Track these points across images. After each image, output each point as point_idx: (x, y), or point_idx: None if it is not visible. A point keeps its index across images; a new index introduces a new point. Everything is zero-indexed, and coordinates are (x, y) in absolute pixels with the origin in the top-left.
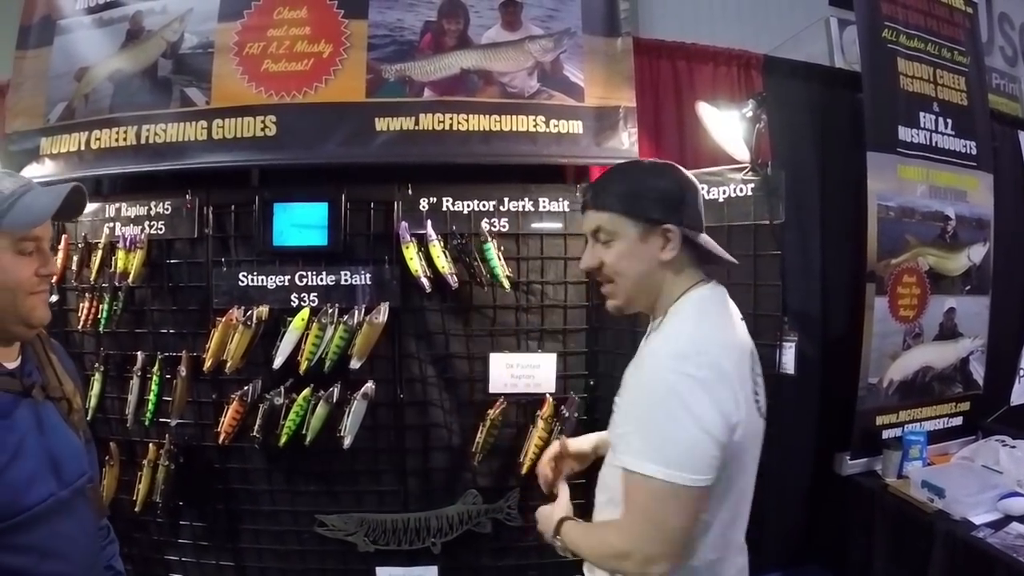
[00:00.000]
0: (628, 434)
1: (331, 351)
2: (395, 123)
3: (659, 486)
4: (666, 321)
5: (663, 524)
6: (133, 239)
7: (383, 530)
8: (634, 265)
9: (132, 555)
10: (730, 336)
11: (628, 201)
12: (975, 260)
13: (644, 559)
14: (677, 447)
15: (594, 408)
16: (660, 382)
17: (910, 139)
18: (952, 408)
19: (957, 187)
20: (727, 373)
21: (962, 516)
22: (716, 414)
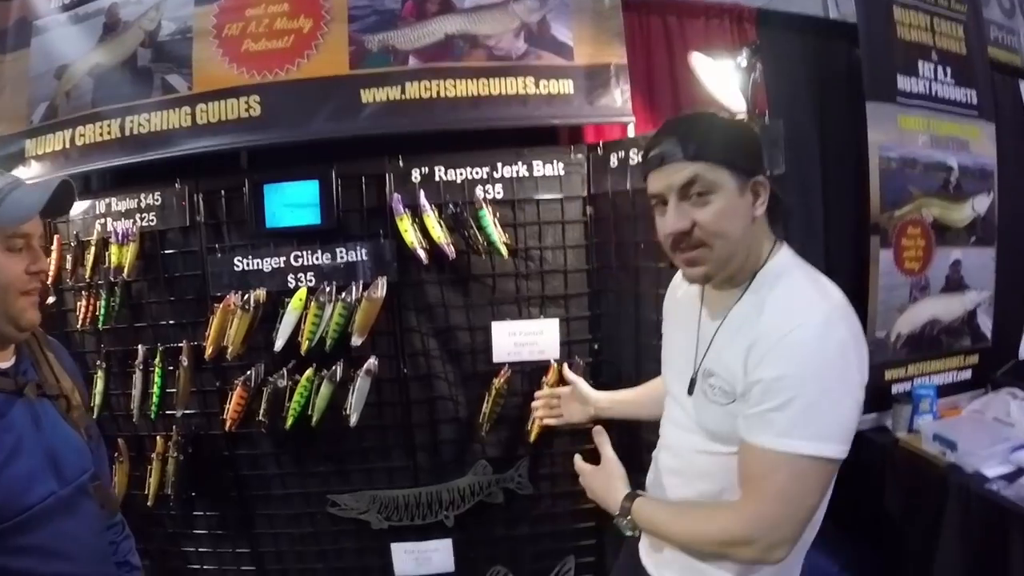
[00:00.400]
0: (769, 412)
1: (331, 329)
2: (381, 94)
3: (805, 464)
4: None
5: (800, 505)
6: (125, 233)
7: (395, 506)
8: (735, 224)
9: (149, 550)
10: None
11: (726, 149)
12: (979, 211)
13: (768, 545)
14: (827, 418)
15: (599, 372)
16: (809, 354)
17: (909, 88)
18: (961, 362)
19: (959, 136)
20: (860, 333)
21: (975, 469)
22: (862, 378)
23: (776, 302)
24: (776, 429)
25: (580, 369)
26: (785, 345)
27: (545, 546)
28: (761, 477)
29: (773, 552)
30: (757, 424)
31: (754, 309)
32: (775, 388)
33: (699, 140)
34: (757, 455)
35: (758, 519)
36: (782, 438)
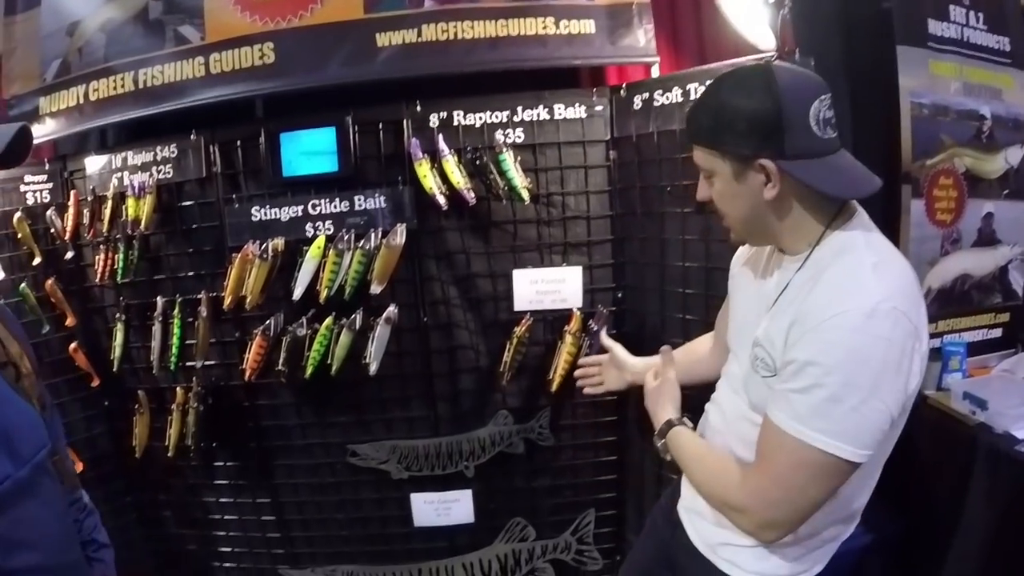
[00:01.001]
0: (792, 392)
1: (350, 278)
2: (397, 37)
3: (813, 454)
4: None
5: (800, 493)
6: (142, 186)
7: (415, 456)
8: (737, 205)
9: (170, 501)
10: (906, 273)
11: (713, 133)
12: (1013, 163)
13: (761, 522)
14: (846, 416)
15: (623, 321)
16: (843, 345)
17: (941, 33)
18: (992, 319)
19: (992, 85)
20: (916, 331)
21: (1004, 430)
22: (901, 385)
23: (829, 281)
24: (792, 411)
25: (604, 318)
26: (823, 330)
27: (565, 498)
28: (769, 454)
29: (764, 531)
30: (779, 400)
31: (807, 285)
32: (803, 372)
33: (693, 123)
34: (771, 430)
35: (755, 493)
36: (795, 422)
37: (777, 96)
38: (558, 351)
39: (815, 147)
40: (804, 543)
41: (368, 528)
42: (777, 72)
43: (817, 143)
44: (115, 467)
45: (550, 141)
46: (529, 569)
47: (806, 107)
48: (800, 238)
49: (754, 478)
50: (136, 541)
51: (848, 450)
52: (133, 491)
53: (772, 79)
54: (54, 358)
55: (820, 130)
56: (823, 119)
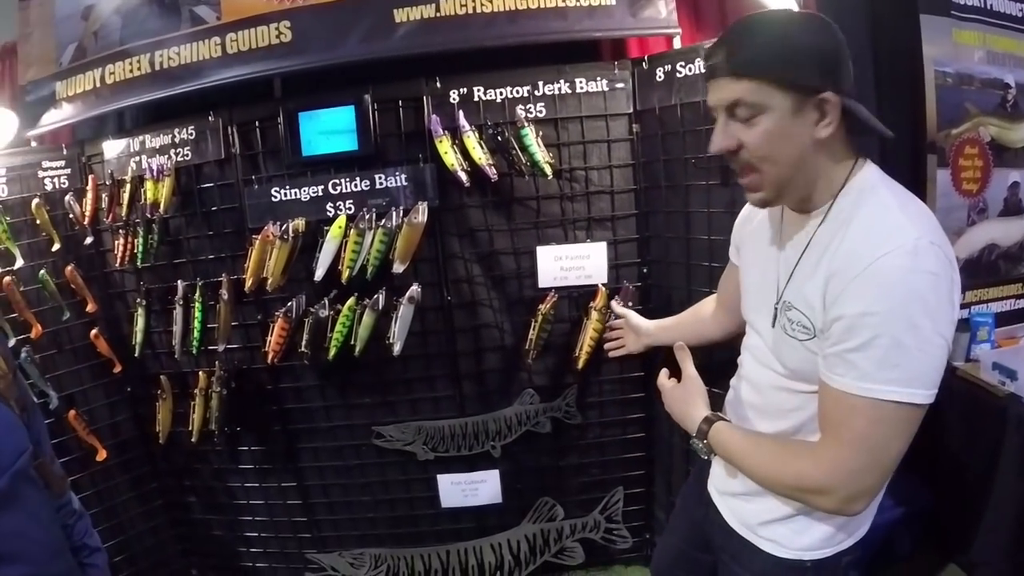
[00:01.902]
0: (851, 352)
1: (372, 257)
2: (415, 12)
3: (888, 409)
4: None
5: (883, 453)
6: (160, 169)
7: (441, 437)
8: (787, 148)
9: (195, 487)
10: (931, 215)
11: (781, 63)
12: None
13: (848, 496)
14: (913, 360)
15: (648, 297)
16: (898, 285)
17: (964, 1)
18: (1019, 289)
19: (1016, 53)
20: (952, 263)
21: None
22: (952, 315)
23: (859, 227)
24: (857, 371)
25: (630, 294)
26: (869, 276)
27: (593, 476)
28: (840, 422)
29: (853, 504)
30: (837, 364)
31: (836, 236)
32: (857, 325)
33: (748, 55)
34: (837, 398)
35: (836, 467)
36: (863, 382)
37: (836, 35)
38: (584, 328)
39: (854, 88)
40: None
41: (395, 510)
42: (824, 18)
43: (854, 85)
44: (140, 453)
45: (572, 115)
46: (558, 548)
47: (847, 52)
48: (826, 187)
49: (830, 451)
50: (162, 527)
51: (921, 394)
52: (158, 477)
53: (826, 22)
54: (76, 345)
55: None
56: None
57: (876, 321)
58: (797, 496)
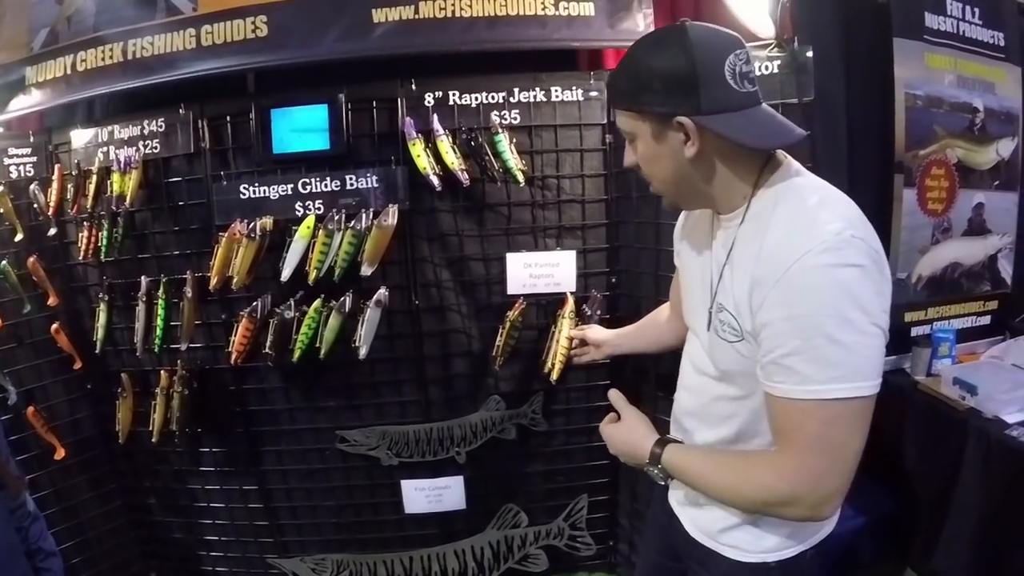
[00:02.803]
0: (786, 357)
1: (340, 259)
2: (393, 13)
3: (836, 408)
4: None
5: (844, 450)
6: (128, 161)
7: (406, 442)
8: (661, 167)
9: (155, 488)
10: (856, 208)
11: (631, 94)
12: (1004, 155)
13: (816, 501)
14: (849, 355)
15: (616, 305)
16: (822, 284)
17: (937, 26)
18: (980, 307)
19: (985, 78)
20: (879, 254)
21: (994, 414)
22: (884, 303)
23: (778, 228)
24: (797, 376)
25: (599, 302)
26: (792, 278)
27: (558, 484)
28: (792, 429)
29: (822, 508)
30: (776, 372)
31: (757, 237)
32: (785, 331)
33: (613, 87)
34: (784, 406)
35: (798, 474)
36: (805, 385)
37: (690, 53)
38: (552, 336)
39: (733, 101)
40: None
41: (358, 515)
42: (691, 30)
43: (735, 97)
44: (100, 452)
45: (546, 123)
46: (522, 555)
47: (721, 62)
48: (732, 195)
49: (790, 459)
50: (122, 528)
51: (867, 386)
52: (118, 477)
53: (685, 36)
54: (36, 339)
55: (738, 84)
56: (740, 73)
57: (807, 323)
58: (765, 511)
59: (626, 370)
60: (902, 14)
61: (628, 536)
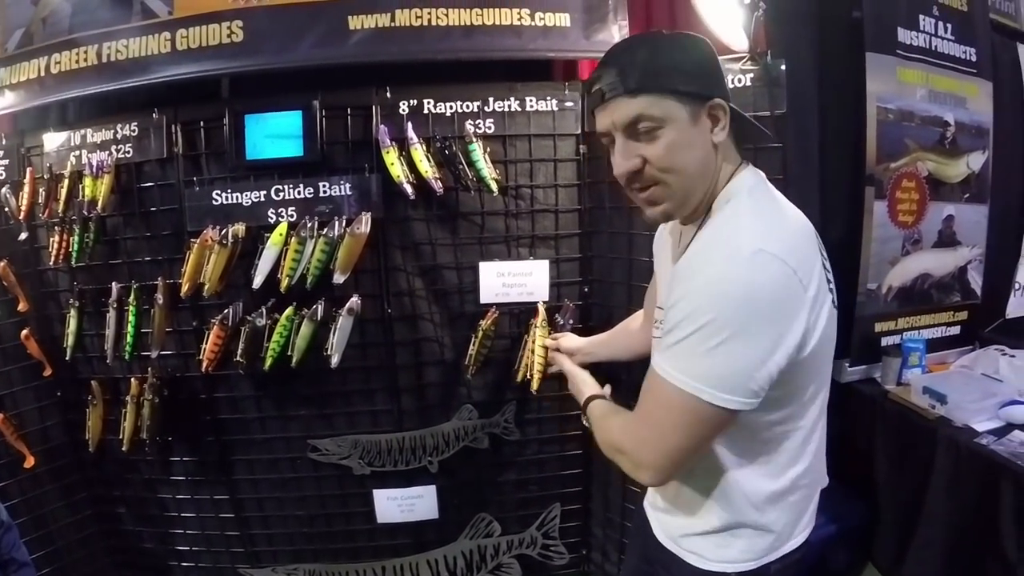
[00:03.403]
0: (667, 334)
1: (312, 266)
2: (369, 20)
3: (675, 394)
4: (714, 216)
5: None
6: (100, 165)
7: (378, 451)
8: (690, 156)
9: (125, 497)
10: (794, 223)
11: (671, 75)
12: (974, 168)
13: (635, 463)
14: (709, 358)
15: (589, 315)
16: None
17: (909, 42)
18: (950, 317)
19: (957, 93)
20: (795, 274)
21: (964, 423)
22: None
23: (709, 230)
24: (661, 353)
25: (571, 311)
26: (690, 276)
27: (531, 493)
28: (643, 393)
29: (640, 471)
30: (657, 344)
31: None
32: (671, 313)
33: (641, 70)
34: (649, 371)
35: (629, 432)
36: (662, 361)
37: (710, 47)
38: (524, 345)
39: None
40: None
41: (330, 525)
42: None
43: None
44: (70, 461)
45: (521, 133)
46: (495, 565)
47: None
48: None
49: (631, 419)
50: (92, 538)
51: (708, 392)
52: (89, 486)
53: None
54: (5, 345)
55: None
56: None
57: (680, 315)
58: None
59: (598, 378)
60: (875, 29)
61: (601, 545)
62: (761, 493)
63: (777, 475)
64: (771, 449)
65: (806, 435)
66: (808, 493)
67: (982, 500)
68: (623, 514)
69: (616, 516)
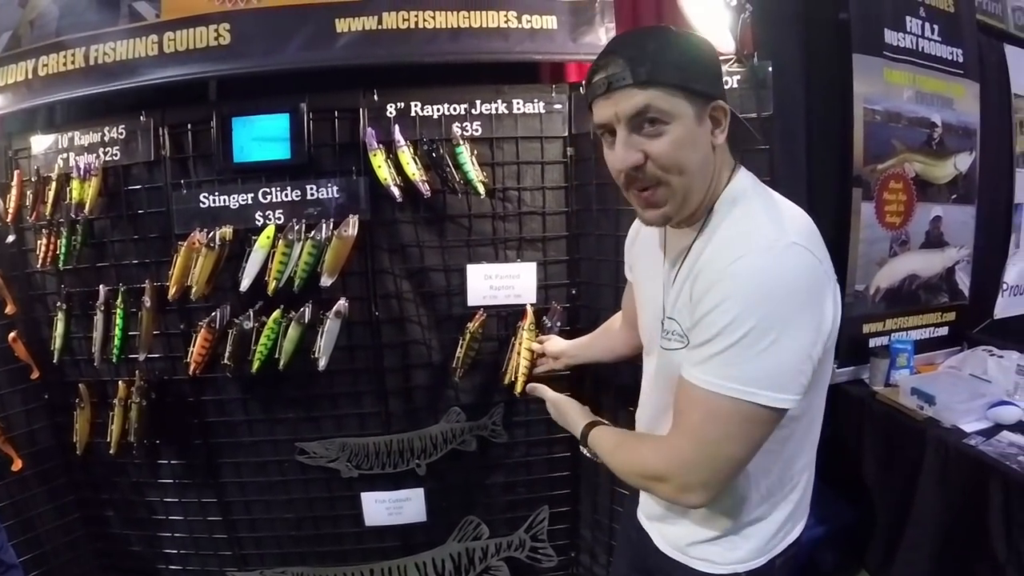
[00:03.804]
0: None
1: (300, 269)
2: (356, 23)
3: (726, 405)
4: (717, 221)
5: (719, 450)
6: (87, 168)
7: (365, 454)
8: (694, 155)
9: (113, 500)
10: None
11: (683, 71)
12: (961, 168)
13: (682, 486)
14: (759, 359)
15: (576, 317)
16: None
17: (896, 43)
18: (938, 318)
19: (943, 94)
20: (821, 264)
21: (952, 424)
22: (815, 322)
23: (723, 235)
24: (702, 365)
25: (559, 314)
26: (727, 276)
27: (519, 495)
28: (681, 412)
29: (687, 494)
30: (690, 356)
31: (707, 247)
32: (706, 322)
33: (652, 62)
34: (684, 388)
35: (671, 456)
36: (705, 374)
37: (713, 49)
38: (512, 348)
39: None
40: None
41: (318, 528)
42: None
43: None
44: (57, 464)
45: (508, 135)
46: (483, 567)
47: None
48: (709, 197)
49: (670, 440)
50: (80, 541)
51: (765, 395)
52: (76, 489)
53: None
54: None
55: None
56: None
57: (722, 319)
58: (643, 484)
59: (586, 381)
60: (862, 30)
61: (590, 547)
62: (774, 492)
63: (785, 470)
64: (785, 445)
65: (814, 425)
66: (808, 482)
67: (970, 501)
68: (611, 516)
69: (604, 518)
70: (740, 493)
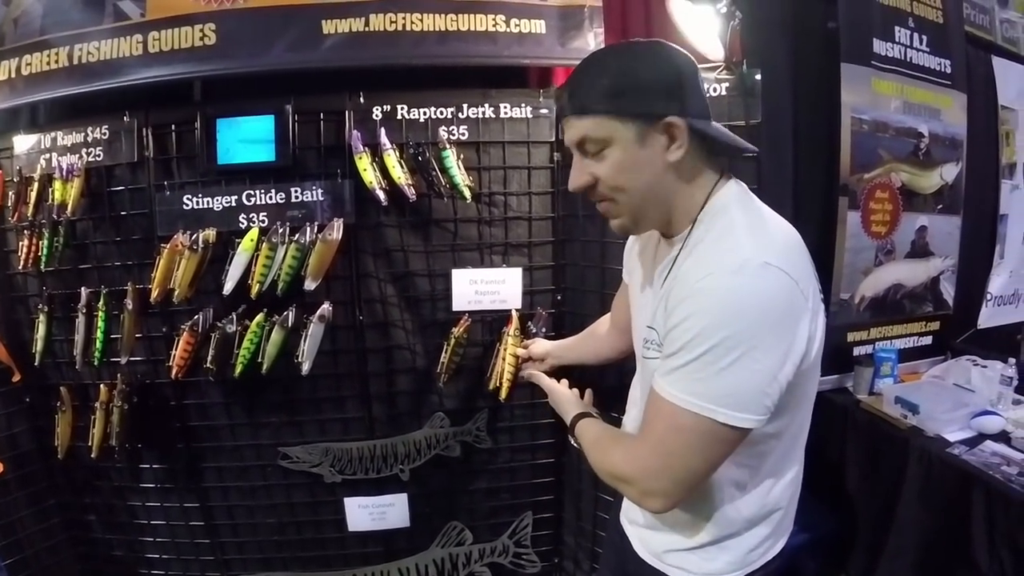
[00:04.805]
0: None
1: (283, 272)
2: (343, 25)
3: (688, 419)
4: (701, 233)
5: (680, 462)
6: (70, 168)
7: (349, 459)
8: (637, 176)
9: (95, 504)
10: (787, 235)
11: (616, 97)
12: (948, 179)
13: (644, 491)
14: (721, 380)
15: (562, 323)
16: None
17: (885, 53)
18: (922, 327)
19: (931, 104)
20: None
21: (936, 433)
22: (785, 345)
23: (701, 249)
24: (669, 376)
25: (543, 319)
26: (693, 294)
27: (503, 501)
28: (648, 420)
29: (649, 499)
30: (660, 366)
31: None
32: (675, 334)
33: (583, 92)
34: (652, 396)
35: (635, 461)
36: (670, 386)
37: (673, 60)
38: (497, 353)
39: (705, 110)
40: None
41: (301, 533)
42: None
43: (706, 106)
44: (38, 468)
45: (495, 140)
46: (467, 573)
47: (697, 75)
48: (685, 211)
49: (635, 446)
50: (61, 546)
51: (723, 413)
52: (57, 493)
53: (666, 48)
54: None
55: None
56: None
57: (688, 335)
58: (612, 483)
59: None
60: (851, 39)
61: (573, 553)
62: (753, 506)
63: (769, 488)
64: (764, 461)
65: (797, 443)
66: (792, 499)
67: (953, 510)
68: (595, 523)
69: (588, 525)
70: (716, 505)
